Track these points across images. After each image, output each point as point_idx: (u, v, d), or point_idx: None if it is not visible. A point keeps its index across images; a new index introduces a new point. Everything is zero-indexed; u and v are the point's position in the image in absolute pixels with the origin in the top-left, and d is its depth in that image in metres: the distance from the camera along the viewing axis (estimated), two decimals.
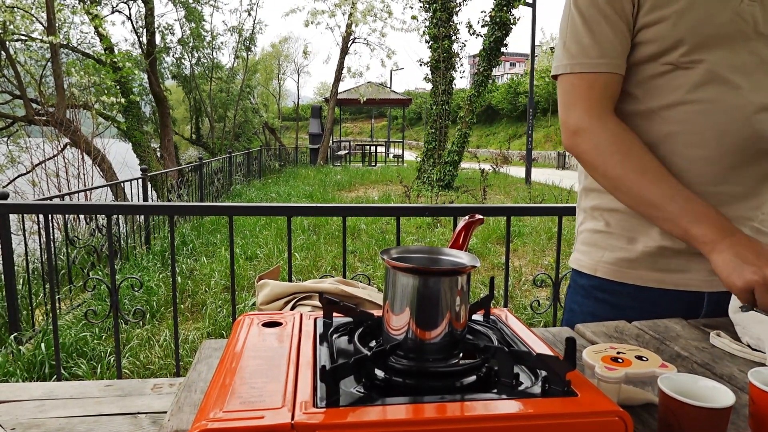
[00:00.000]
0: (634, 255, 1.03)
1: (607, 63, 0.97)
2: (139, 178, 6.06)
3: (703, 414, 0.54)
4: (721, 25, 0.92)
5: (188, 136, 24.47)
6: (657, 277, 1.02)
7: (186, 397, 0.69)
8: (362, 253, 5.96)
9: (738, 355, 0.84)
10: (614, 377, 0.65)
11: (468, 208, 2.24)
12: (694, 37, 0.92)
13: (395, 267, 0.59)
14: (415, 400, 0.52)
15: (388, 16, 16.46)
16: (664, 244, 1.00)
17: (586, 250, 1.11)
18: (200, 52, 21.03)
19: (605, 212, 1.07)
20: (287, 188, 11.79)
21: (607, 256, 1.06)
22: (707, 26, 0.92)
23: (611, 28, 0.96)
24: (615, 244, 1.05)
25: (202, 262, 5.44)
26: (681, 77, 0.94)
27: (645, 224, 1.01)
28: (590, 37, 0.96)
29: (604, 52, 0.96)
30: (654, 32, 0.94)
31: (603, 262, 1.07)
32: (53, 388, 0.83)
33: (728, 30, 0.92)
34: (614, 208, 1.05)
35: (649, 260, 1.02)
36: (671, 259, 1.00)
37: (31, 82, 11.45)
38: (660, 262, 1.01)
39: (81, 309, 3.96)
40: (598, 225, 1.08)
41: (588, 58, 0.97)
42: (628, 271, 1.04)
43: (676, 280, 1.01)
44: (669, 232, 0.94)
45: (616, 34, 0.96)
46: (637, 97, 0.99)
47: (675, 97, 0.95)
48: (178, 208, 2.45)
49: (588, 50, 0.97)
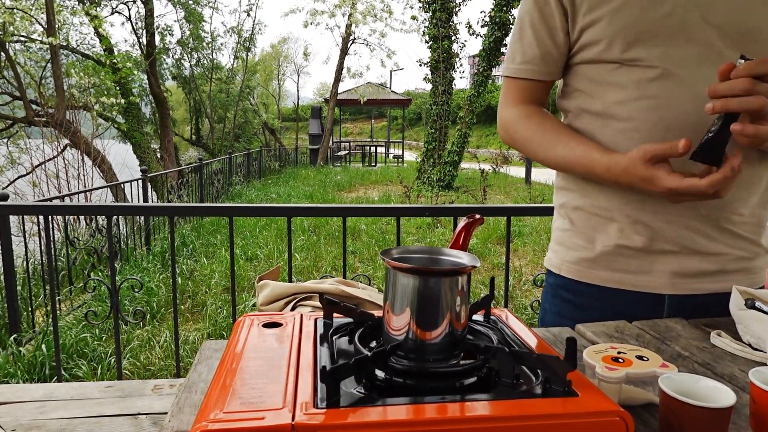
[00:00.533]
0: (594, 255, 1.03)
1: (527, 69, 1.04)
2: (139, 179, 6.06)
3: (704, 414, 0.54)
4: (660, 19, 0.90)
5: (188, 136, 24.47)
6: (617, 277, 1.01)
7: (186, 398, 0.69)
8: (362, 253, 5.96)
9: (739, 355, 0.84)
10: (615, 377, 0.65)
11: (468, 209, 2.24)
12: (631, 34, 0.92)
13: (395, 267, 0.59)
14: (416, 400, 0.52)
15: (388, 16, 16.47)
16: (620, 243, 0.99)
17: (556, 248, 1.12)
18: (200, 53, 21.05)
19: (570, 210, 1.07)
20: (287, 189, 11.79)
21: (571, 255, 1.07)
22: (643, 22, 0.91)
23: (535, 35, 1.02)
24: (578, 243, 1.06)
25: (202, 263, 5.44)
26: (627, 74, 0.94)
27: (603, 223, 1.01)
28: (519, 43, 1.05)
29: (525, 59, 1.04)
30: (593, 33, 0.95)
31: (567, 262, 1.07)
32: (54, 389, 0.83)
33: (669, 23, 0.90)
34: (578, 206, 1.05)
35: (608, 260, 1.01)
36: (630, 259, 1.00)
37: (31, 83, 11.45)
38: (619, 262, 1.01)
39: (81, 310, 3.96)
40: (565, 224, 1.09)
41: (513, 63, 1.06)
42: (588, 271, 1.04)
43: (635, 282, 1.00)
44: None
45: (538, 42, 1.02)
46: (591, 96, 1.00)
47: (624, 94, 0.95)
48: (178, 209, 2.45)
49: (515, 55, 1.06)
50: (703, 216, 0.96)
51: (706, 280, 0.99)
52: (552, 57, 1.03)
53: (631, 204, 0.98)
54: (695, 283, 0.99)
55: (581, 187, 1.04)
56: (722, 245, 0.98)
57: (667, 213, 0.96)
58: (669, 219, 0.96)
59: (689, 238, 0.97)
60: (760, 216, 1.01)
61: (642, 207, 0.97)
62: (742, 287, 0.93)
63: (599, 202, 1.01)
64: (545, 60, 1.03)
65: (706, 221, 0.96)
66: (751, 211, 0.99)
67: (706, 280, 0.99)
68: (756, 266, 1.02)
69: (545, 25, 1.00)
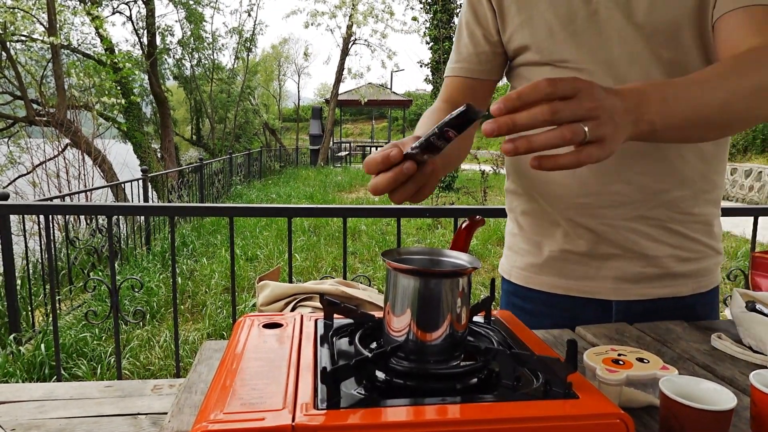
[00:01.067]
0: (541, 260, 1.02)
1: (460, 67, 1.04)
2: (139, 178, 6.06)
3: (705, 416, 0.54)
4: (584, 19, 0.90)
5: (189, 136, 24.49)
6: (563, 284, 1.01)
7: (186, 398, 0.69)
8: (363, 254, 5.96)
9: (739, 358, 0.84)
10: (615, 379, 0.64)
11: (469, 210, 2.23)
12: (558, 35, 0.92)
13: (396, 268, 0.59)
14: (416, 402, 0.52)
15: (389, 17, 16.49)
16: (566, 248, 0.99)
17: (507, 253, 1.11)
18: (201, 53, 21.07)
19: (519, 215, 1.07)
20: (287, 189, 11.79)
21: (520, 260, 1.06)
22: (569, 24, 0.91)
23: (469, 35, 1.02)
24: (525, 248, 1.05)
25: (202, 263, 5.44)
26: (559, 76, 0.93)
27: (551, 227, 1.00)
28: (456, 44, 1.05)
29: (460, 58, 1.04)
30: (522, 36, 0.96)
31: (516, 267, 1.07)
32: (53, 388, 0.83)
33: (593, 24, 0.90)
34: (525, 211, 1.04)
35: (555, 266, 1.01)
36: (576, 264, 0.99)
37: (32, 82, 11.45)
38: (566, 268, 1.00)
39: (81, 310, 3.96)
40: (514, 228, 1.09)
41: (450, 64, 1.06)
42: (537, 277, 1.03)
43: (581, 288, 1.00)
44: None
45: (471, 41, 1.02)
46: None
47: None
48: (178, 209, 2.45)
49: (452, 56, 1.06)
50: (648, 218, 0.95)
51: (651, 285, 0.98)
52: (486, 55, 1.02)
53: (572, 208, 0.97)
54: (640, 288, 0.98)
55: (528, 191, 1.04)
56: (668, 247, 0.96)
57: (610, 216, 0.95)
58: (612, 222, 0.95)
59: (633, 241, 0.95)
60: (709, 215, 0.98)
61: (584, 211, 0.96)
62: (742, 290, 0.93)
63: (544, 206, 1.00)
64: (479, 58, 1.02)
65: (652, 223, 0.95)
66: (700, 210, 0.97)
67: (651, 285, 0.98)
68: (704, 268, 1.00)
69: (479, 26, 1.01)
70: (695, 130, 0.73)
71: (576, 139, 0.57)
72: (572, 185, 0.95)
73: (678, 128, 0.68)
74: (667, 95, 0.66)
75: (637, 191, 0.93)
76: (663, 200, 0.94)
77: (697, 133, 0.75)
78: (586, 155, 0.58)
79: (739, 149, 11.95)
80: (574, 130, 0.56)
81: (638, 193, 0.93)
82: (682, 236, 0.97)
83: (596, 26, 0.90)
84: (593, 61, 0.90)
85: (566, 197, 0.97)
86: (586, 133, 0.57)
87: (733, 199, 11.17)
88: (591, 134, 0.57)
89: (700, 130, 0.74)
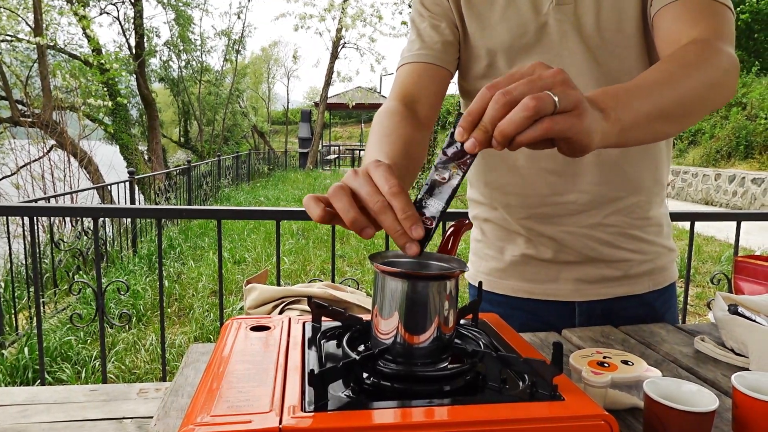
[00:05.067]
0: (503, 265, 1.04)
1: (425, 54, 0.96)
2: (126, 180, 6.00)
3: (688, 418, 0.55)
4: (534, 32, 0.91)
5: (176, 139, 24.32)
6: (526, 287, 1.02)
7: (173, 402, 0.68)
8: (351, 257, 5.96)
9: (722, 360, 0.86)
10: (600, 382, 0.65)
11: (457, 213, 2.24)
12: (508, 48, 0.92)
13: (384, 271, 0.59)
14: (404, 404, 0.52)
15: (378, 21, 16.52)
16: (527, 253, 1.00)
17: (472, 259, 1.13)
18: (189, 55, 20.94)
19: (481, 222, 1.08)
20: (276, 192, 11.75)
21: (483, 266, 1.08)
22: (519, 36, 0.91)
23: (431, 26, 0.97)
24: (489, 253, 1.07)
25: (189, 266, 5.40)
26: None
27: (512, 234, 1.02)
28: (415, 34, 0.99)
29: (424, 44, 0.97)
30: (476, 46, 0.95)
31: (481, 272, 1.08)
32: (37, 392, 0.82)
33: (542, 35, 0.91)
34: (488, 218, 1.06)
35: (517, 270, 1.02)
36: (538, 268, 1.01)
37: (17, 83, 11.31)
38: (528, 272, 1.02)
39: (66, 313, 3.91)
40: (477, 234, 1.10)
41: (411, 52, 0.98)
42: (500, 281, 1.05)
43: (544, 290, 1.01)
44: None
45: (436, 31, 0.97)
46: None
47: None
48: (165, 212, 2.43)
49: (412, 46, 0.99)
50: (606, 225, 0.97)
51: (610, 285, 1.01)
52: (451, 46, 0.98)
53: (532, 218, 0.99)
54: (600, 288, 1.00)
55: (489, 200, 1.05)
56: (626, 252, 0.99)
57: (570, 225, 0.97)
58: (572, 231, 0.97)
59: (593, 248, 0.98)
60: (661, 216, 1.03)
61: (543, 220, 0.98)
62: (724, 293, 0.95)
63: (505, 215, 1.02)
64: (445, 47, 0.97)
65: (610, 230, 0.97)
66: (653, 213, 1.00)
67: (610, 285, 1.01)
68: (659, 266, 1.03)
69: (444, 18, 0.97)
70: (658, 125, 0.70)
71: (545, 108, 0.49)
72: (530, 195, 0.98)
73: (642, 125, 0.65)
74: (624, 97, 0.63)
75: (593, 200, 0.96)
76: (619, 207, 0.97)
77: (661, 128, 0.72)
78: (563, 122, 0.50)
79: (723, 155, 12.11)
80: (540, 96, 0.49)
81: (595, 201, 0.96)
82: (639, 240, 1.00)
83: (546, 38, 0.91)
84: None
85: (525, 207, 0.99)
86: (556, 100, 0.50)
87: (717, 204, 11.32)
88: (562, 102, 0.50)
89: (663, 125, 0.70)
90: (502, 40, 0.93)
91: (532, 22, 0.91)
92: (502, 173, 1.01)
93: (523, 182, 0.98)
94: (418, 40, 0.99)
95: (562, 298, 1.01)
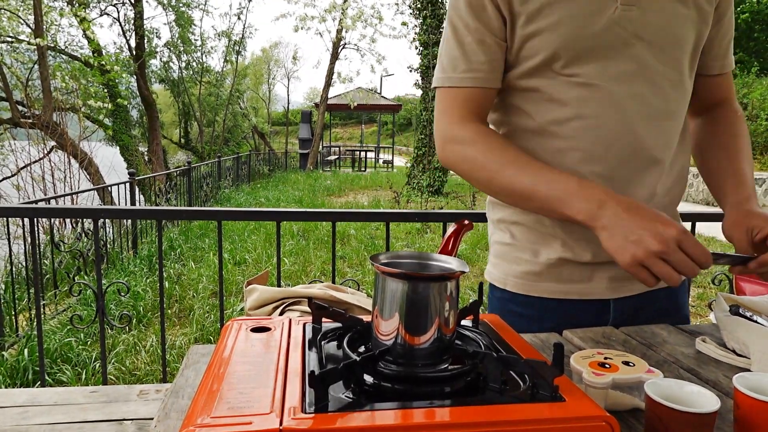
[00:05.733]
0: (539, 268, 1.02)
1: (474, 77, 0.96)
2: (126, 181, 6.00)
3: (689, 419, 0.55)
4: (597, 34, 0.90)
5: (177, 140, 24.34)
6: (562, 288, 1.01)
7: (173, 403, 0.68)
8: (351, 258, 5.95)
9: (723, 361, 0.85)
10: (601, 383, 0.65)
11: (457, 214, 2.24)
12: (570, 50, 0.91)
13: (385, 272, 0.59)
14: (404, 405, 0.52)
15: (378, 22, 16.53)
16: (565, 256, 0.99)
17: (496, 262, 1.11)
18: (190, 56, 20.95)
19: (510, 225, 1.06)
20: (276, 193, 11.75)
21: (514, 269, 1.06)
22: (582, 37, 0.90)
23: (478, 41, 0.95)
24: (521, 256, 1.05)
25: (189, 267, 5.40)
26: (565, 92, 0.93)
27: (547, 236, 1.01)
28: (459, 50, 0.97)
29: (471, 66, 0.96)
30: (532, 46, 0.94)
31: (511, 276, 1.06)
32: (37, 394, 0.82)
33: (605, 38, 0.90)
34: (517, 221, 1.05)
35: (553, 272, 1.01)
36: (574, 270, 1.00)
37: (18, 84, 11.32)
38: (564, 274, 1.01)
39: (66, 314, 3.91)
40: (505, 237, 1.08)
41: (456, 72, 0.97)
42: (534, 284, 1.03)
43: (580, 290, 1.01)
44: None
45: (482, 48, 0.95)
46: (529, 114, 0.98)
47: (562, 113, 0.94)
48: (166, 213, 2.43)
49: (455, 64, 0.97)
50: None
51: None
52: (498, 63, 0.97)
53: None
54: (634, 284, 1.01)
55: None
56: None
57: None
58: None
59: None
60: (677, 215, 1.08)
61: None
62: (726, 294, 0.94)
63: (539, 218, 1.01)
64: (492, 66, 0.96)
65: None
66: (678, 208, 1.07)
67: None
68: None
69: (488, 31, 0.95)
70: None
71: None
72: None
73: None
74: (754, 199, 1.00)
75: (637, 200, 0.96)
76: (657, 206, 0.98)
77: None
78: None
79: None
80: None
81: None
82: None
83: (608, 41, 0.91)
84: (602, 76, 0.91)
85: None
86: None
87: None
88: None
89: None
90: (561, 40, 0.91)
91: (596, 23, 0.90)
92: None
93: None
94: (463, 60, 0.96)
95: (597, 297, 1.01)
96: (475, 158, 0.94)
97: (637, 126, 0.92)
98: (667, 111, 0.95)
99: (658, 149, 0.95)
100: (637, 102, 0.92)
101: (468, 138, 0.96)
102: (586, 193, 0.83)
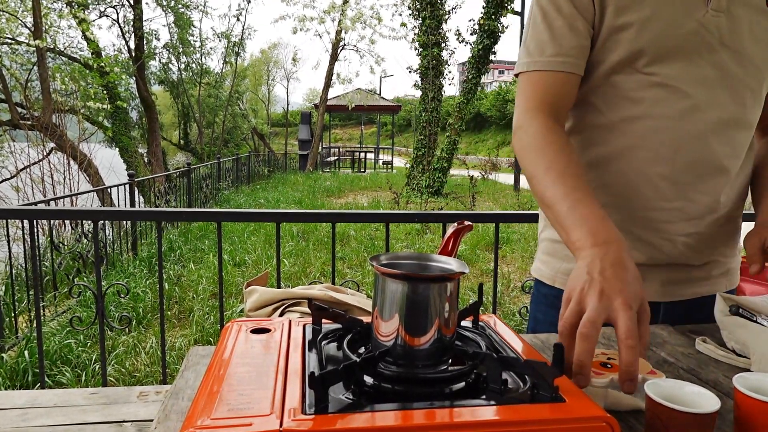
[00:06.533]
0: None
1: (561, 62, 0.93)
2: (126, 183, 6.00)
3: (689, 419, 0.55)
4: (685, 35, 0.89)
5: (176, 141, 24.32)
6: None
7: (173, 405, 0.68)
8: (351, 259, 5.95)
9: (723, 361, 0.85)
10: (602, 383, 0.65)
11: (457, 215, 2.24)
12: (657, 47, 0.90)
13: (384, 273, 0.59)
14: (404, 406, 0.52)
15: (377, 23, 16.54)
16: None
17: (546, 259, 1.10)
18: (189, 57, 20.93)
19: None
20: (276, 194, 11.74)
21: (565, 266, 1.05)
22: (670, 37, 0.89)
23: (568, 25, 0.92)
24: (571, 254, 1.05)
25: (189, 269, 5.40)
26: (641, 91, 0.92)
27: None
28: (547, 33, 0.93)
29: (560, 50, 0.92)
30: (618, 39, 0.91)
31: (561, 273, 1.06)
32: (37, 396, 0.82)
33: (692, 41, 0.89)
34: None
35: None
36: None
37: (17, 86, 11.31)
38: None
39: (66, 316, 3.91)
40: (557, 235, 1.07)
41: (543, 56, 0.93)
42: None
43: None
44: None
45: (573, 32, 0.92)
46: (599, 109, 0.97)
47: (634, 111, 0.93)
48: (165, 214, 2.43)
49: (543, 48, 0.93)
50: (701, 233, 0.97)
51: (695, 286, 1.02)
52: (586, 50, 0.93)
53: (638, 222, 0.97)
54: (686, 289, 1.01)
55: None
56: (716, 255, 1.02)
57: (669, 231, 0.97)
58: (670, 237, 0.97)
59: (686, 255, 0.99)
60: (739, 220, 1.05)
61: (647, 225, 0.97)
62: (725, 294, 0.94)
63: None
64: (581, 52, 0.92)
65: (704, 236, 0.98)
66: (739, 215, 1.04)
67: (695, 286, 1.02)
68: (733, 268, 1.07)
69: (580, 15, 0.91)
70: None
71: None
72: (633, 198, 0.96)
73: None
74: None
75: (699, 209, 0.96)
76: (719, 215, 0.98)
77: None
78: None
79: None
80: None
81: (701, 210, 0.96)
82: (725, 245, 1.02)
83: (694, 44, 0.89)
84: (683, 79, 0.90)
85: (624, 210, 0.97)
86: None
87: None
88: None
89: None
90: (650, 37, 0.89)
91: (685, 25, 0.89)
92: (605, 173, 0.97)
93: (627, 184, 0.96)
94: (552, 44, 0.93)
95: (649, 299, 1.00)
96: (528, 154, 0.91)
97: (710, 132, 0.91)
98: (742, 121, 0.94)
99: (727, 158, 0.94)
100: (714, 109, 0.91)
101: (532, 132, 0.92)
102: (594, 225, 0.77)
